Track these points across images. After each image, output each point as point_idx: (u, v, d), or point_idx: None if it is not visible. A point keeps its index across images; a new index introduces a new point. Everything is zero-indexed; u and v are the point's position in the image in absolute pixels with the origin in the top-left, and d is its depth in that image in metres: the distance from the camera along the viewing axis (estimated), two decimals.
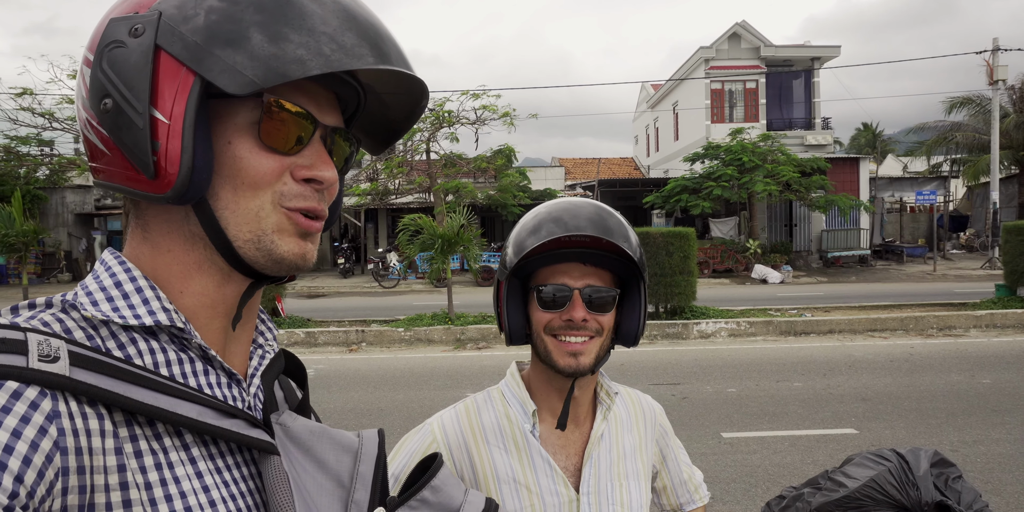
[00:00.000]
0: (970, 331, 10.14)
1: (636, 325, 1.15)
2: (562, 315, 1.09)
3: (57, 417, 0.49)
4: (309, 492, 0.64)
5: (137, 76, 0.55)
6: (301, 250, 0.63)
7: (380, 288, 18.84)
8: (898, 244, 24.08)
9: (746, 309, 11.74)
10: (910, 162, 33.92)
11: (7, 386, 0.48)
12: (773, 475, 4.52)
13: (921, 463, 1.70)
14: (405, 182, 21.10)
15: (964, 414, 5.73)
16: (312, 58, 0.56)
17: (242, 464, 0.62)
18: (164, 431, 0.57)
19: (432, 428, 1.18)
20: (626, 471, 1.18)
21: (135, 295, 0.59)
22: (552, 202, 1.17)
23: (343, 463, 0.68)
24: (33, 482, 0.46)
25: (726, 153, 19.87)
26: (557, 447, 1.16)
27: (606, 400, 1.21)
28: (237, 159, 0.59)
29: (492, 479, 1.13)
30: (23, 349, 0.50)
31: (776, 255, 20.17)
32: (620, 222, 1.11)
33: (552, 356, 1.10)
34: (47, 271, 21.49)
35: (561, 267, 1.11)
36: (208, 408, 0.58)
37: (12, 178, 20.41)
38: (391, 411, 6.15)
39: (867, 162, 23.53)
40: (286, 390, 0.76)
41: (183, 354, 0.61)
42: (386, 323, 11.01)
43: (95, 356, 0.53)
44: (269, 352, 0.73)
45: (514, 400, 1.19)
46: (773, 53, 24.54)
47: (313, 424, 0.69)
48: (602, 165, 33.80)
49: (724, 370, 7.69)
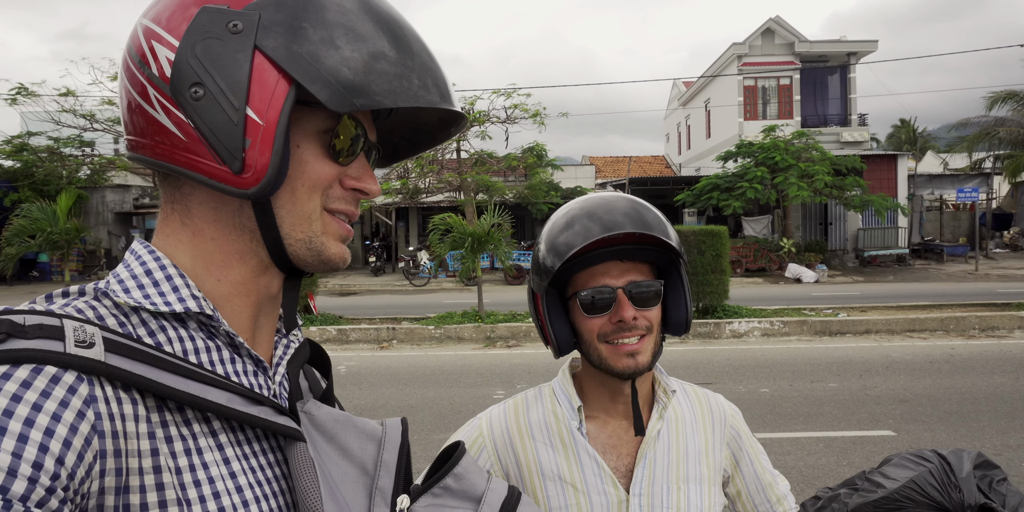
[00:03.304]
0: (1015, 332, 9.83)
1: (684, 312, 1.11)
2: (611, 318, 1.05)
3: (94, 401, 0.50)
4: (334, 479, 0.64)
5: (235, 73, 0.57)
6: (344, 253, 0.68)
7: (411, 286, 18.97)
8: (938, 243, 23.48)
9: (780, 308, 11.55)
10: (950, 158, 33.05)
11: (46, 370, 0.49)
12: (808, 476, 4.44)
13: (964, 465, 1.65)
14: (435, 181, 21.20)
15: (1008, 417, 5.56)
16: (401, 91, 0.61)
17: (268, 451, 0.63)
18: (193, 417, 0.58)
19: (480, 423, 1.17)
20: (687, 474, 1.12)
21: (165, 283, 0.60)
22: (580, 202, 1.11)
23: (367, 451, 0.69)
24: (73, 464, 0.47)
25: (759, 151, 19.57)
26: (608, 446, 1.12)
27: (663, 398, 1.16)
28: (303, 162, 0.62)
29: (537, 476, 1.10)
30: (60, 335, 0.51)
31: (811, 254, 19.80)
32: (655, 213, 1.07)
33: (608, 362, 1.06)
34: (88, 268, 22.06)
35: (598, 268, 1.07)
36: (236, 395, 0.59)
37: (55, 178, 20.99)
38: (421, 408, 6.18)
39: (905, 159, 22.97)
40: (311, 380, 0.77)
41: (210, 342, 0.62)
42: (417, 321, 11.07)
43: (128, 343, 0.54)
44: (294, 341, 0.74)
45: (563, 396, 1.16)
46: (808, 48, 24.11)
47: (337, 412, 0.70)
48: (633, 163, 33.57)
49: (757, 370, 7.58)
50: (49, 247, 11.08)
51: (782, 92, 24.70)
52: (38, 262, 21.57)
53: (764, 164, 19.21)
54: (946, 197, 26.75)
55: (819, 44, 24.34)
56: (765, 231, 21.52)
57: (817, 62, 24.63)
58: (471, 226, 10.40)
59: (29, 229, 10.77)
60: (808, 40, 24.24)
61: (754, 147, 19.91)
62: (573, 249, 1.03)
